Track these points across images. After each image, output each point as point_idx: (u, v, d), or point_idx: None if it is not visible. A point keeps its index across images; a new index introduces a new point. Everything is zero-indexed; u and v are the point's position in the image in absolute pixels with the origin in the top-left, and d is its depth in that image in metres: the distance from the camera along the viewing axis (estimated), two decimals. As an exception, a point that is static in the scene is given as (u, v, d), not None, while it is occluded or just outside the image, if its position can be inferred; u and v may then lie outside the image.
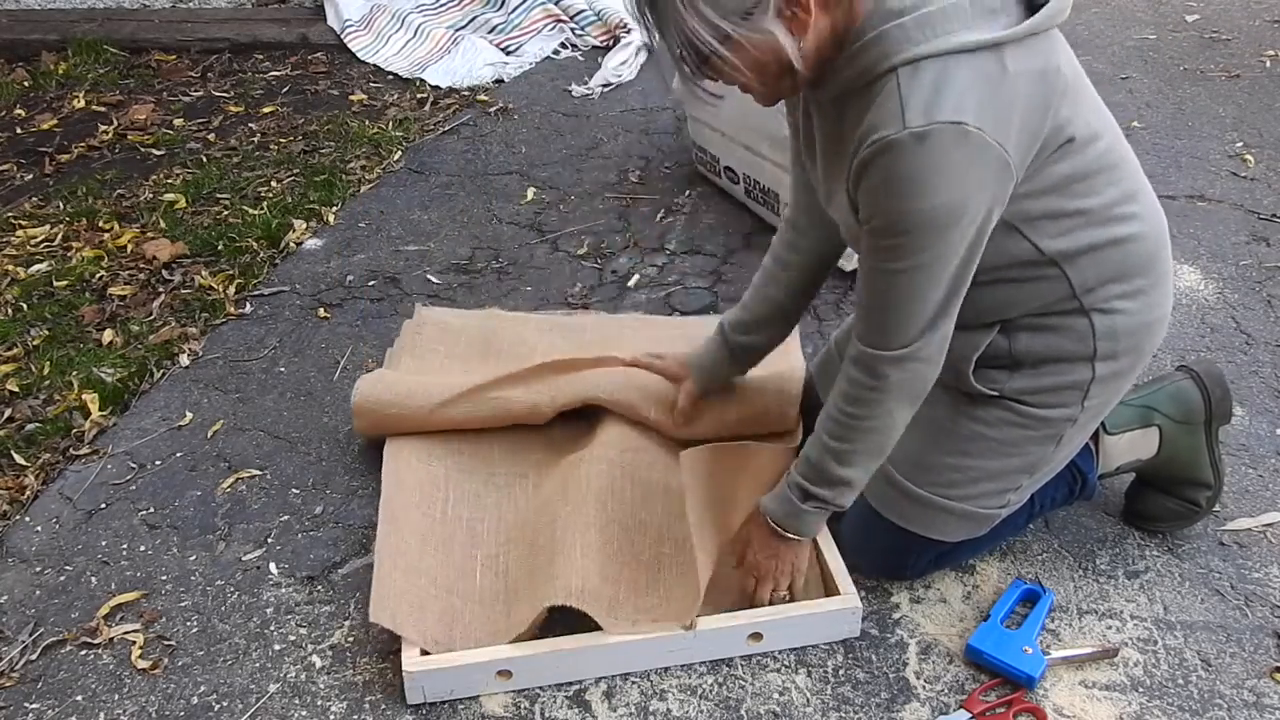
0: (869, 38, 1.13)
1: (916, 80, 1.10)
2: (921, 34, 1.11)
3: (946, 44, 1.10)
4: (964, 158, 1.11)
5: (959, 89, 1.10)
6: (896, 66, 1.11)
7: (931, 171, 1.11)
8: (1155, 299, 1.36)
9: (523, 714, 1.37)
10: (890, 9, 1.13)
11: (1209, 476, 1.55)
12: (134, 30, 3.73)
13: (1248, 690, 1.38)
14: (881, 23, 1.13)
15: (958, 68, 1.10)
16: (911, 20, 1.11)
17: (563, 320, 2.04)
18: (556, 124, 3.07)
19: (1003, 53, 1.12)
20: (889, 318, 1.23)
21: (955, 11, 1.11)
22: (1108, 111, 1.32)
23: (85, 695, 1.41)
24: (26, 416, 1.93)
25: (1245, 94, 3.13)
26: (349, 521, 1.67)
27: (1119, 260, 1.31)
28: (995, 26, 1.12)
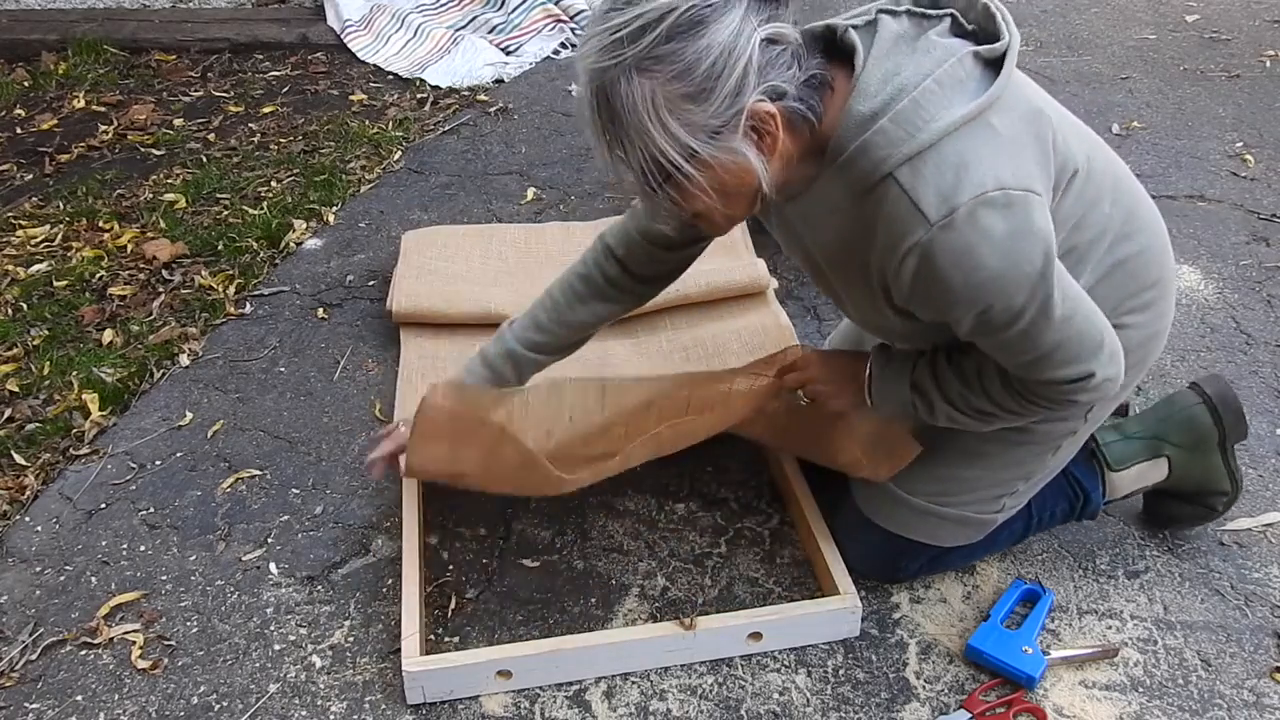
0: (851, 150, 1.10)
1: (919, 177, 1.07)
2: (903, 131, 1.08)
3: (931, 132, 1.07)
4: (1000, 220, 1.07)
5: (965, 165, 1.07)
6: (891, 172, 1.08)
7: (979, 246, 1.07)
8: (1162, 308, 1.36)
9: (523, 714, 1.37)
10: (861, 115, 1.10)
11: (1225, 485, 1.54)
12: (134, 30, 3.72)
13: (1248, 690, 1.38)
14: (859, 132, 1.09)
15: (954, 148, 1.07)
16: (889, 121, 1.08)
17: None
18: (556, 124, 3.07)
19: (987, 117, 1.09)
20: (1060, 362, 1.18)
21: (927, 97, 1.08)
22: (1086, 128, 1.30)
23: (85, 695, 1.41)
24: (26, 416, 1.93)
25: (1245, 94, 3.13)
26: (349, 521, 1.67)
27: (1128, 279, 1.29)
28: (968, 94, 1.09)
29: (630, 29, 1.00)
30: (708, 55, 1.00)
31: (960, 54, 1.10)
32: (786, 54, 1.05)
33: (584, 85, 1.06)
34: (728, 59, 1.00)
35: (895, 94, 1.08)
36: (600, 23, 1.03)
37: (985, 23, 1.16)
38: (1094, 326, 1.19)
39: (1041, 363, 1.18)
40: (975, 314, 1.13)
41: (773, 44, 1.03)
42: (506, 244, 2.29)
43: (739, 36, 1.00)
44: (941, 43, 1.12)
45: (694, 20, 0.99)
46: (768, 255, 2.27)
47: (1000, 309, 1.11)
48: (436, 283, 2.11)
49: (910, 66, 1.10)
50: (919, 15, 1.17)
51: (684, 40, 1.00)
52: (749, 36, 1.01)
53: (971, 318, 1.14)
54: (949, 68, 1.09)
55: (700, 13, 0.99)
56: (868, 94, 1.10)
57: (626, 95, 1.02)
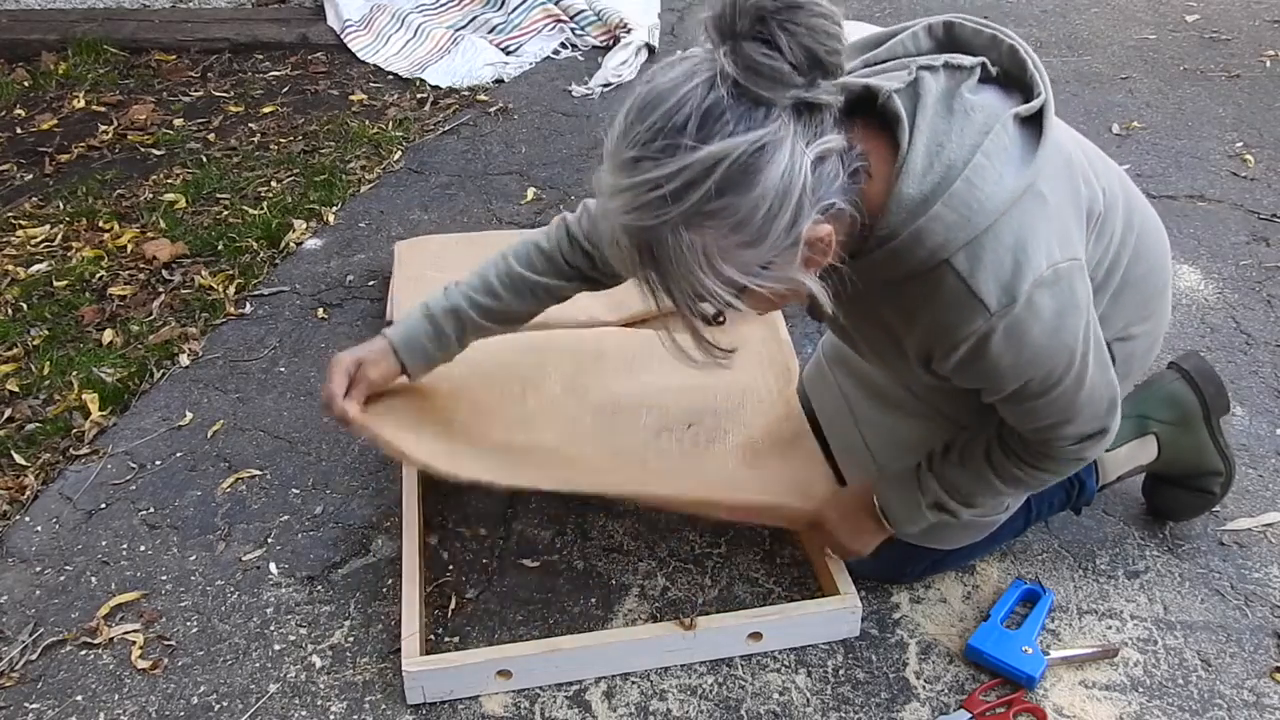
0: (904, 237, 1.05)
1: (977, 264, 1.04)
2: (959, 216, 1.03)
3: (987, 214, 1.03)
4: (1052, 298, 1.07)
5: (1023, 249, 1.04)
6: (948, 259, 1.05)
7: (1033, 329, 1.07)
8: (1163, 312, 1.37)
9: (523, 714, 1.37)
10: (912, 199, 1.03)
11: (1218, 464, 1.56)
12: (134, 30, 3.72)
13: (1248, 690, 1.38)
14: (910, 218, 1.04)
15: (1010, 228, 1.04)
16: (943, 206, 1.02)
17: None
18: (556, 124, 3.07)
19: (1037, 186, 1.06)
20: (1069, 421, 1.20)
21: (978, 174, 1.02)
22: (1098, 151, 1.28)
23: (85, 695, 1.41)
24: (26, 416, 1.93)
25: (1245, 94, 3.13)
26: (349, 521, 1.67)
27: (1136, 295, 1.29)
28: (1015, 162, 1.05)
29: (673, 186, 0.89)
30: (763, 202, 0.91)
31: (1003, 118, 1.06)
32: (835, 162, 0.97)
33: (620, 232, 0.95)
34: (783, 200, 0.91)
35: (945, 174, 1.03)
36: (629, 171, 0.91)
37: (1012, 67, 1.12)
38: (1110, 384, 1.20)
39: (1062, 425, 1.20)
40: (1014, 388, 1.14)
41: (822, 161, 0.94)
42: None
43: (792, 173, 0.91)
44: (980, 104, 1.07)
45: (746, 169, 0.89)
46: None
47: (1039, 380, 1.13)
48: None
49: (954, 138, 1.04)
50: (954, 68, 1.10)
51: (737, 194, 0.90)
52: (801, 166, 0.91)
53: (1010, 390, 1.15)
54: (994, 136, 1.04)
55: (751, 160, 0.89)
56: (915, 174, 1.03)
57: (674, 248, 0.93)
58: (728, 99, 0.89)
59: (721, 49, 0.90)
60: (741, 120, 0.89)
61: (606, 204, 0.95)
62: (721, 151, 0.88)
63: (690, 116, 0.89)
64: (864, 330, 1.26)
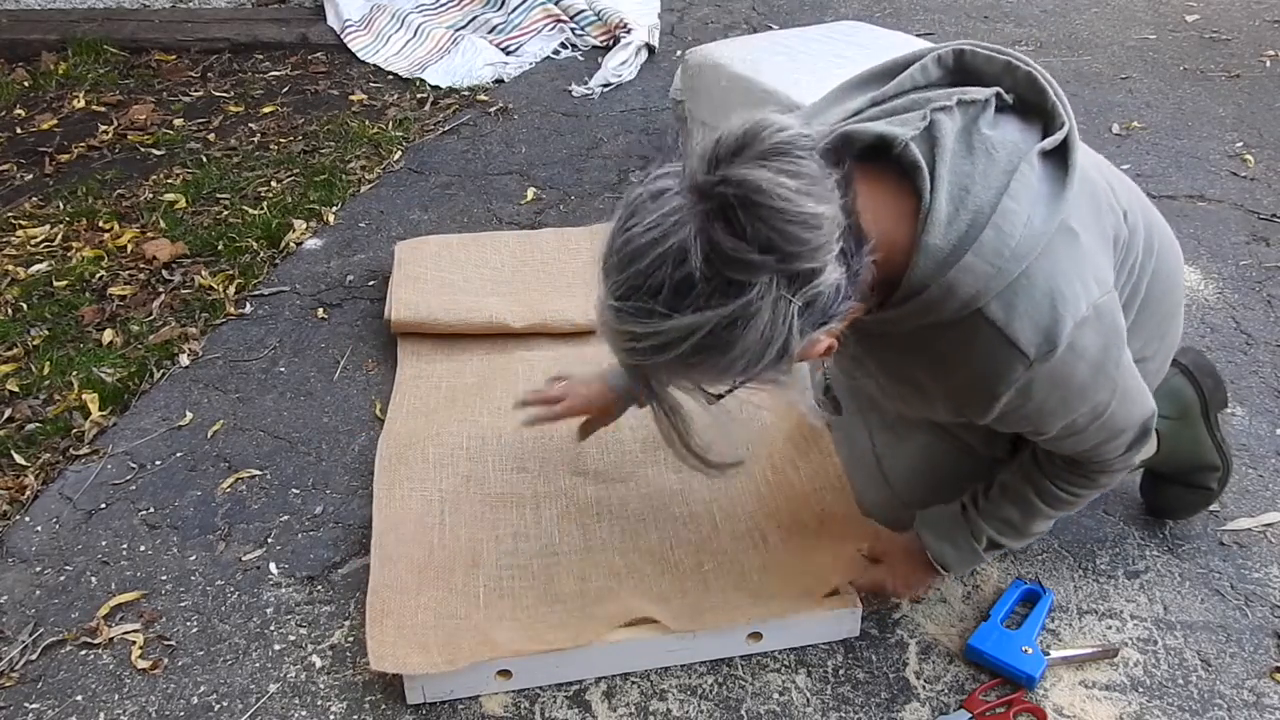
0: (934, 290, 1.02)
1: (1013, 313, 1.02)
2: (990, 265, 1.00)
3: (1018, 261, 1.00)
4: (1093, 335, 1.06)
5: (1060, 292, 1.02)
6: (981, 308, 1.02)
7: (1076, 368, 1.07)
8: (1176, 333, 1.37)
9: (523, 714, 1.37)
10: (939, 251, 1.00)
11: (1215, 460, 1.56)
12: (134, 30, 3.73)
13: (1248, 690, 1.38)
14: (939, 270, 1.00)
15: (1044, 272, 1.02)
16: (973, 256, 0.99)
17: None
18: (556, 124, 3.07)
19: (1068, 223, 1.04)
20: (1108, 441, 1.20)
21: (1006, 219, 0.99)
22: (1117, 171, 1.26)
23: (85, 695, 1.41)
24: (26, 416, 1.93)
25: (1245, 94, 3.13)
26: (349, 521, 1.67)
27: (1151, 314, 1.28)
28: (1042, 201, 1.02)
29: (650, 344, 0.90)
30: (744, 356, 0.90)
31: (1028, 156, 1.03)
32: (831, 293, 0.91)
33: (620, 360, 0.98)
34: (767, 346, 0.90)
35: (972, 221, 1.00)
36: (616, 318, 0.91)
37: (1029, 94, 1.09)
38: (1141, 388, 1.20)
39: (1110, 441, 1.20)
40: (1063, 424, 1.14)
41: (813, 302, 0.90)
42: (501, 252, 2.28)
43: (775, 327, 0.89)
44: (1000, 140, 1.04)
45: (720, 337, 0.88)
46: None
47: (1086, 412, 1.13)
48: (433, 291, 2.11)
49: (979, 181, 1.01)
50: (968, 103, 1.07)
51: (714, 354, 0.90)
52: (785, 315, 0.88)
53: (1058, 428, 1.15)
54: (1020, 177, 1.01)
55: (725, 330, 0.88)
56: (940, 224, 1.00)
57: (665, 382, 0.99)
58: (700, 276, 0.86)
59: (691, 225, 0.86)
60: (714, 295, 0.87)
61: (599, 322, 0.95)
62: (693, 324, 0.87)
63: (663, 285, 0.87)
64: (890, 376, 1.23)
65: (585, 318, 2.04)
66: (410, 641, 1.38)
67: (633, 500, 1.64)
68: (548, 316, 2.04)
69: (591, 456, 1.70)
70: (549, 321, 2.04)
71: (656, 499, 1.64)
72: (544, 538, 1.58)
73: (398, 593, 1.45)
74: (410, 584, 1.47)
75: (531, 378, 1.89)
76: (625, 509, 1.62)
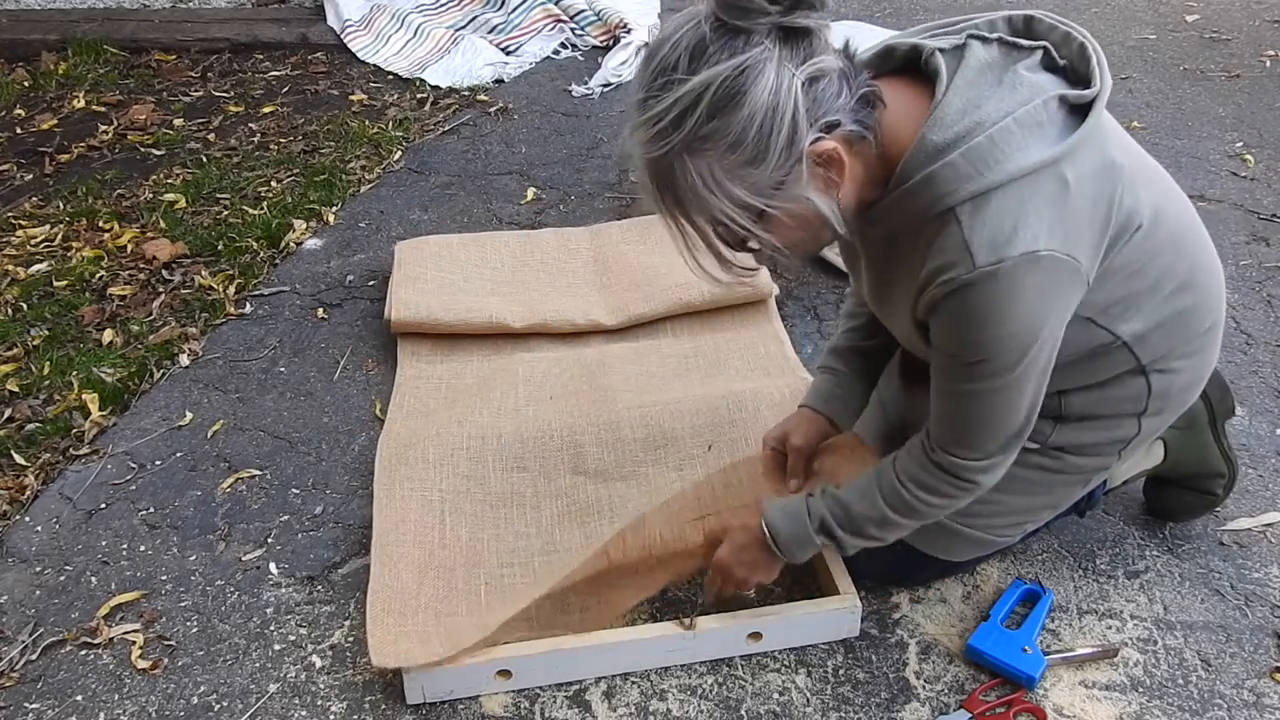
0: (917, 179, 1.08)
1: (979, 217, 1.06)
2: (973, 169, 1.05)
3: (1002, 174, 1.05)
4: (1039, 281, 1.07)
5: (1025, 218, 1.05)
6: (954, 207, 1.07)
7: (1008, 301, 1.07)
8: (1210, 354, 1.34)
9: (523, 714, 1.37)
10: (934, 145, 1.07)
11: (1221, 467, 1.55)
12: (134, 30, 3.73)
13: (1247, 690, 1.38)
14: (928, 162, 1.07)
15: (1019, 195, 1.05)
16: (960, 156, 1.05)
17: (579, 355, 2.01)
18: (556, 124, 3.07)
19: (1060, 168, 1.06)
20: (977, 432, 1.20)
21: (1003, 136, 1.05)
22: (1161, 173, 1.26)
23: (85, 695, 1.41)
24: (26, 416, 1.93)
25: (1245, 94, 3.13)
26: (349, 521, 1.67)
27: (1183, 327, 1.27)
28: (1046, 139, 1.07)
29: (671, 116, 0.99)
30: (753, 121, 0.98)
31: (1046, 95, 1.07)
32: (832, 84, 1.02)
33: (642, 171, 1.05)
34: (774, 117, 0.98)
35: (972, 128, 1.06)
36: (640, 110, 1.01)
37: (1079, 62, 1.12)
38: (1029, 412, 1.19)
39: (976, 436, 1.20)
40: (972, 361, 1.13)
41: (815, 81, 1.00)
42: (502, 252, 2.27)
43: (779, 92, 0.98)
44: (1030, 79, 1.09)
45: (730, 92, 0.97)
46: (768, 255, 2.28)
47: (997, 363, 1.12)
48: (433, 291, 2.10)
49: (993, 101, 1.07)
50: (1010, 45, 1.13)
51: (726, 115, 0.98)
52: (789, 87, 0.98)
53: (967, 361, 1.14)
54: (1032, 109, 1.06)
55: (734, 83, 0.97)
56: (944, 124, 1.07)
57: (684, 177, 1.02)
58: (710, 34, 0.97)
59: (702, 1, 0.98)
60: (724, 50, 0.97)
61: (629, 145, 1.04)
62: (707, 79, 0.97)
63: (681, 54, 0.98)
64: (884, 286, 1.26)
65: (585, 318, 2.04)
66: (411, 637, 1.38)
67: (634, 498, 1.64)
68: (548, 316, 2.04)
69: (592, 455, 1.71)
70: (549, 321, 2.04)
71: (659, 497, 1.63)
72: (544, 536, 1.58)
73: (398, 592, 1.45)
74: (411, 583, 1.48)
75: (531, 378, 1.90)
76: (626, 507, 1.62)
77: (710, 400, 1.79)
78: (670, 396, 1.82)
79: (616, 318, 2.05)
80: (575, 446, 1.72)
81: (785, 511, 1.35)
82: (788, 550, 1.34)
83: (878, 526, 1.30)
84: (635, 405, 1.80)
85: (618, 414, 1.78)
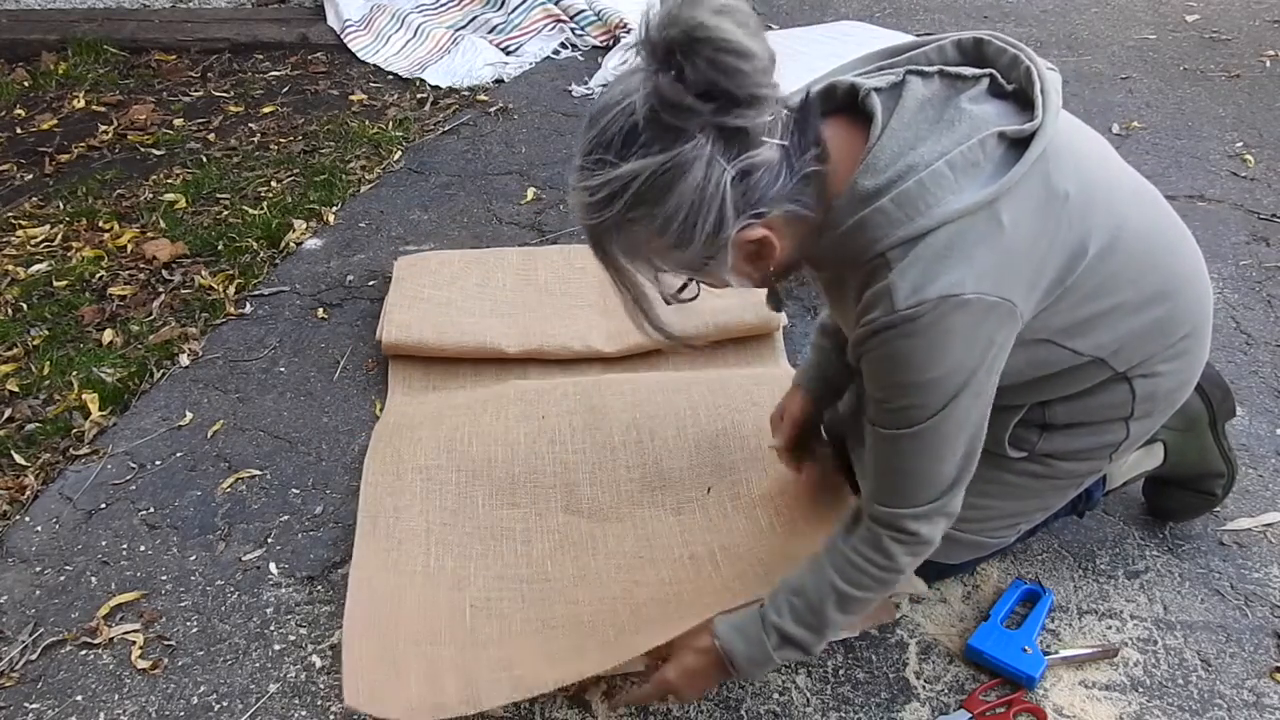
0: (849, 225, 1.07)
1: (906, 261, 1.04)
2: (903, 214, 1.04)
3: (932, 219, 1.03)
4: (964, 324, 1.05)
5: (953, 262, 1.03)
6: (884, 252, 1.06)
7: (930, 346, 1.06)
8: (1197, 355, 1.31)
9: (522, 714, 1.37)
10: (864, 191, 1.06)
11: (1221, 467, 1.55)
12: (134, 30, 3.73)
13: (1247, 690, 1.38)
14: (859, 208, 1.06)
15: (948, 239, 1.04)
16: (890, 202, 1.04)
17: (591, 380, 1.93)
18: (556, 124, 3.07)
19: (996, 208, 1.04)
20: (907, 482, 1.17)
21: (934, 180, 1.04)
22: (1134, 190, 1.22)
23: (85, 695, 1.41)
24: (26, 416, 1.93)
25: (1245, 94, 3.13)
26: (349, 521, 1.67)
27: (1159, 335, 1.24)
28: (980, 180, 1.05)
29: (600, 196, 1.00)
30: (679, 213, 0.99)
31: (984, 134, 1.05)
32: (768, 173, 1.01)
33: (582, 229, 1.07)
34: (700, 209, 0.99)
35: (903, 173, 1.05)
36: (577, 178, 1.03)
37: (1027, 86, 1.10)
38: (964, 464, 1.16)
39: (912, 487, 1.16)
40: (895, 406, 1.12)
41: (748, 175, 1.00)
42: (504, 269, 2.21)
43: (707, 184, 0.98)
44: (971, 112, 1.07)
45: (657, 186, 0.98)
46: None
47: (919, 408, 1.10)
48: (428, 312, 2.05)
49: (928, 143, 1.06)
50: (953, 77, 1.11)
51: (652, 205, 1.00)
52: (718, 181, 0.98)
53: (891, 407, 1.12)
54: (967, 149, 1.05)
55: (662, 179, 0.98)
56: (876, 169, 1.06)
57: (615, 245, 1.05)
58: (643, 124, 0.97)
59: (642, 79, 0.97)
60: (656, 142, 0.97)
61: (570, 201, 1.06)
62: (635, 170, 0.98)
63: (615, 136, 0.98)
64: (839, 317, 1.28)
65: (583, 344, 1.97)
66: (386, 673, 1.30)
67: (629, 539, 1.58)
68: (544, 342, 1.97)
69: (585, 496, 1.64)
70: (544, 347, 1.97)
71: (655, 539, 1.58)
72: (534, 566, 1.53)
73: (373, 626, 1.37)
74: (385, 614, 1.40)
75: (524, 398, 1.81)
76: (621, 547, 1.56)
77: (710, 437, 1.72)
78: (669, 429, 1.74)
79: (615, 345, 1.98)
80: (568, 486, 1.65)
81: (737, 628, 1.25)
82: (746, 671, 1.25)
83: (836, 606, 1.21)
84: (633, 440, 1.72)
85: (614, 447, 1.71)
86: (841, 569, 1.22)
